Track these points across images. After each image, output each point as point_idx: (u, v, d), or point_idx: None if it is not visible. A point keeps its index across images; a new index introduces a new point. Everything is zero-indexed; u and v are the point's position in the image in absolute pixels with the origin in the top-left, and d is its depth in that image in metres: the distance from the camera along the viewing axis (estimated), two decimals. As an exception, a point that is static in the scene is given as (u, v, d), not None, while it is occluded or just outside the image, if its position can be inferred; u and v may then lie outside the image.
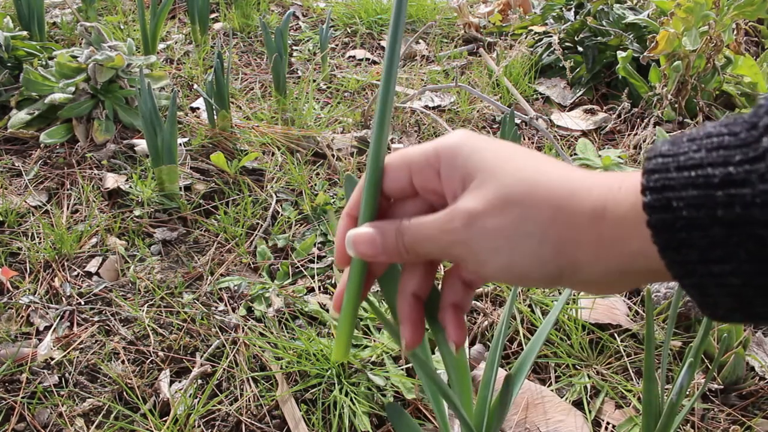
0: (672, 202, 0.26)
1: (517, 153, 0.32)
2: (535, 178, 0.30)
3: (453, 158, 0.33)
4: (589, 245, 0.29)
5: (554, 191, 0.30)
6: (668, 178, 0.26)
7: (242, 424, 0.85)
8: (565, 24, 1.99)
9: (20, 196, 1.25)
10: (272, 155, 1.45)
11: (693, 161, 0.26)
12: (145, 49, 1.74)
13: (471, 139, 0.33)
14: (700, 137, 0.27)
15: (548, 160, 0.32)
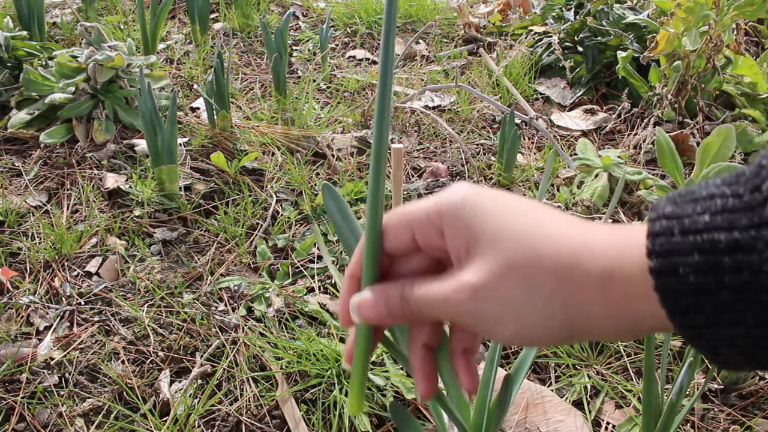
0: (678, 267, 0.26)
1: (519, 212, 0.31)
2: (539, 244, 0.30)
3: (456, 219, 0.32)
4: (598, 310, 0.29)
5: (559, 258, 0.29)
6: (673, 242, 0.26)
7: (242, 424, 0.85)
8: (565, 24, 1.99)
9: (20, 196, 1.25)
10: (272, 155, 1.45)
11: (698, 225, 0.26)
12: (145, 49, 1.75)
13: (472, 198, 0.32)
14: (703, 198, 0.26)
15: (550, 215, 0.32)
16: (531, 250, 0.30)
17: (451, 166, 1.47)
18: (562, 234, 0.30)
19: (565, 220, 0.31)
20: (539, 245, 0.30)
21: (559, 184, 1.41)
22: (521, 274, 0.30)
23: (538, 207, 0.32)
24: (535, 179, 1.44)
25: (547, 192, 1.39)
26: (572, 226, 0.31)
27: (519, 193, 1.40)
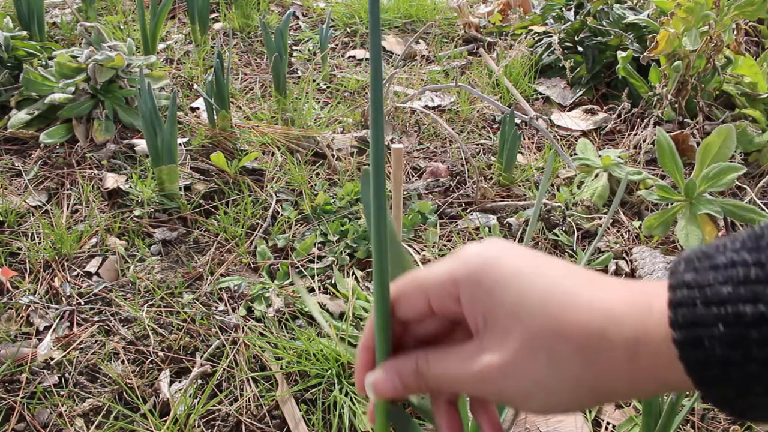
0: (703, 339, 0.25)
1: (539, 280, 0.30)
2: (564, 320, 0.29)
3: (473, 290, 0.31)
4: (625, 379, 0.29)
5: (586, 334, 0.29)
6: (696, 314, 0.26)
7: (242, 424, 0.85)
8: (565, 24, 1.99)
9: (20, 196, 1.25)
10: (272, 155, 1.45)
11: (721, 296, 0.25)
12: (145, 49, 1.74)
13: (490, 268, 0.31)
14: (724, 265, 0.26)
15: (572, 278, 0.30)
16: (556, 326, 0.29)
17: (451, 166, 1.47)
18: (585, 304, 0.29)
19: (587, 282, 0.30)
20: (565, 321, 0.29)
21: (559, 184, 1.41)
22: (547, 351, 0.29)
23: (557, 269, 0.31)
24: (535, 179, 1.43)
25: (547, 192, 1.39)
26: (594, 290, 0.30)
27: (519, 192, 1.40)
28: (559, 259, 0.32)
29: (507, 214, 1.32)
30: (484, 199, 1.36)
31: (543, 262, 0.31)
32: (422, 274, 0.34)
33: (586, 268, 0.32)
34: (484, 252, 0.32)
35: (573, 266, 0.32)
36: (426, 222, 1.27)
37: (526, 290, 0.30)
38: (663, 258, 1.13)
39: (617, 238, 1.26)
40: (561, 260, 0.32)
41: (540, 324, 0.29)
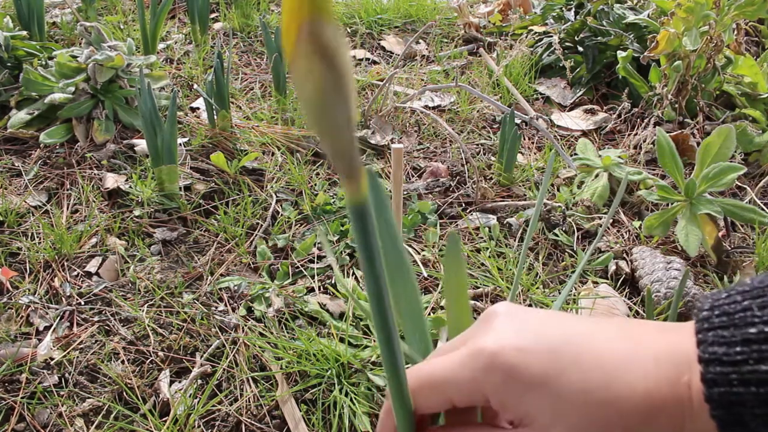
0: (744, 416, 0.26)
1: (572, 376, 0.29)
2: (604, 412, 0.29)
3: (504, 397, 0.30)
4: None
5: (629, 422, 0.28)
6: (734, 393, 0.26)
7: (242, 424, 0.85)
8: (565, 24, 1.99)
9: (20, 196, 1.25)
10: (272, 155, 1.45)
11: (759, 375, 0.25)
12: (145, 49, 1.74)
13: (517, 374, 0.30)
14: (758, 339, 0.26)
15: (602, 361, 0.30)
16: (601, 420, 0.29)
17: (451, 166, 1.47)
18: (626, 393, 0.29)
19: (619, 361, 0.29)
20: (606, 414, 0.29)
21: (559, 184, 1.41)
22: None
23: (584, 354, 0.30)
24: (536, 179, 1.43)
25: (548, 192, 1.39)
26: (628, 372, 0.29)
27: (519, 192, 1.40)
28: (578, 322, 0.31)
29: (507, 214, 1.32)
30: (484, 199, 1.36)
31: (562, 345, 0.30)
32: (438, 375, 0.32)
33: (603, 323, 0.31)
34: (503, 347, 0.30)
35: (593, 336, 0.30)
36: (426, 222, 1.27)
37: (563, 391, 0.29)
38: (663, 258, 1.13)
39: (617, 238, 1.26)
40: (580, 324, 0.31)
41: (584, 420, 0.29)
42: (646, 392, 0.28)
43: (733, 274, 1.17)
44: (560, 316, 0.32)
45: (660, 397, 0.28)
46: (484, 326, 0.32)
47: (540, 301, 1.06)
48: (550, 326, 0.31)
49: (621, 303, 1.08)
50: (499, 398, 0.30)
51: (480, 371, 0.30)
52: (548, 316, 0.32)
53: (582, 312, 1.04)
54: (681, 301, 1.03)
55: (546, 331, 0.31)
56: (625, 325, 0.31)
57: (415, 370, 0.33)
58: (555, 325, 0.31)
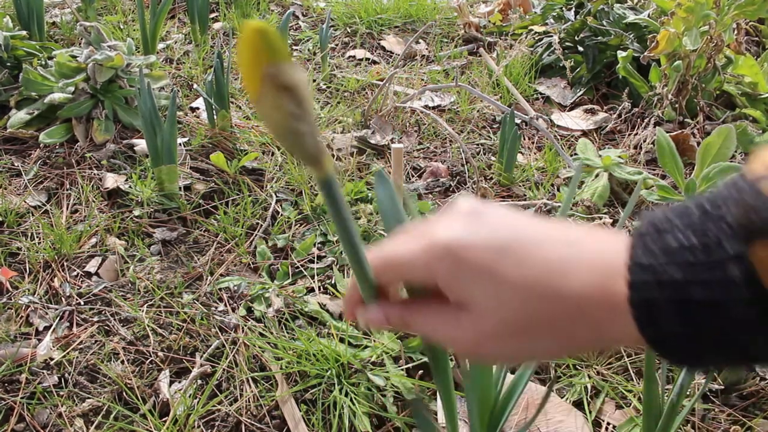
0: (658, 318, 0.29)
1: (510, 271, 0.33)
2: (532, 307, 0.33)
3: (449, 281, 0.35)
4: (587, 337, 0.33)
5: (556, 321, 0.33)
6: (650, 296, 0.29)
7: (242, 424, 0.85)
8: (565, 24, 1.98)
9: (20, 196, 1.25)
10: (272, 155, 1.45)
11: (669, 278, 0.29)
12: (144, 48, 1.74)
13: (464, 263, 0.34)
14: (672, 247, 0.29)
15: (542, 261, 0.33)
16: (530, 310, 0.33)
17: (451, 166, 1.47)
18: (555, 296, 0.32)
19: (555, 265, 0.33)
20: (539, 308, 0.33)
21: (560, 184, 1.41)
22: (522, 330, 0.33)
23: (525, 249, 0.34)
24: (535, 179, 1.43)
25: (548, 192, 1.39)
26: (562, 276, 0.32)
27: (519, 192, 1.40)
28: (530, 225, 0.35)
29: (507, 214, 1.32)
30: (485, 198, 1.36)
31: (511, 243, 0.34)
32: (398, 258, 0.37)
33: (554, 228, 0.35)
34: (456, 241, 0.34)
35: (541, 239, 0.34)
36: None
37: (505, 282, 0.33)
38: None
39: (617, 238, 1.26)
40: (532, 226, 0.35)
41: (515, 312, 0.33)
42: (579, 295, 0.32)
43: (733, 274, 1.16)
44: (515, 217, 0.36)
45: (591, 300, 0.31)
46: (445, 219, 0.37)
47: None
48: (504, 226, 0.35)
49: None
50: (447, 283, 0.35)
51: (433, 260, 0.35)
52: (504, 216, 0.36)
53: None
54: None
55: (499, 229, 0.35)
56: (573, 232, 0.34)
57: (379, 250, 0.38)
58: (508, 225, 0.35)
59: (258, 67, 0.24)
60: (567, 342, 0.34)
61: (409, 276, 0.38)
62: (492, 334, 0.34)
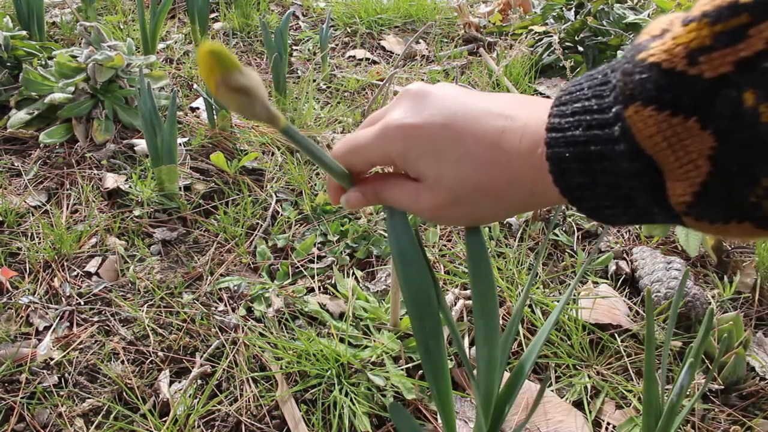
0: (566, 171, 0.34)
1: (454, 151, 0.39)
2: (474, 178, 0.38)
3: (401, 158, 0.41)
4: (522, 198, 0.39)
5: (492, 189, 0.38)
6: (561, 152, 0.34)
7: (242, 424, 0.85)
8: (565, 24, 1.99)
9: (20, 196, 1.25)
10: (272, 155, 1.45)
11: (574, 138, 0.33)
12: (144, 48, 1.74)
13: (410, 139, 0.40)
14: (579, 111, 0.33)
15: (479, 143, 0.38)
16: (472, 184, 0.39)
17: (451, 166, 1.46)
18: (497, 161, 0.38)
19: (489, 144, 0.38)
20: (478, 178, 0.38)
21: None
22: (468, 198, 0.40)
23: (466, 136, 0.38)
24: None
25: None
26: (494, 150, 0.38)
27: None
28: (470, 101, 0.39)
29: (507, 214, 1.32)
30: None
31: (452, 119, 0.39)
32: (359, 144, 0.43)
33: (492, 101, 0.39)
34: (403, 123, 0.40)
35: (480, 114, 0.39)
36: (426, 222, 1.27)
37: (447, 159, 0.39)
38: (663, 258, 1.13)
39: (617, 238, 1.26)
40: (471, 103, 0.39)
41: (461, 184, 0.39)
42: (513, 161, 0.37)
43: (733, 274, 1.17)
44: (458, 94, 0.40)
45: (519, 164, 0.37)
46: (396, 104, 0.42)
47: (540, 301, 1.06)
48: (446, 104, 0.40)
49: (621, 303, 1.08)
50: (401, 161, 0.41)
51: (387, 142, 0.41)
52: (447, 94, 0.40)
53: (581, 313, 1.04)
54: (681, 301, 1.03)
55: (441, 108, 0.39)
56: (510, 104, 0.39)
57: (345, 140, 0.45)
58: (450, 103, 0.40)
59: (212, 77, 0.32)
60: (506, 205, 0.39)
61: (371, 158, 0.43)
62: (443, 202, 0.40)
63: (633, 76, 0.30)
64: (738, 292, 1.13)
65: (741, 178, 0.28)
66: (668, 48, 0.28)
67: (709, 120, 0.28)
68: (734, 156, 0.28)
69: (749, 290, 1.14)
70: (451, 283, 1.10)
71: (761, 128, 0.27)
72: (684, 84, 0.28)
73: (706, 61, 0.27)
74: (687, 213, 0.31)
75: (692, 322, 1.04)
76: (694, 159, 0.29)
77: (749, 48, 0.26)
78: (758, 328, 1.07)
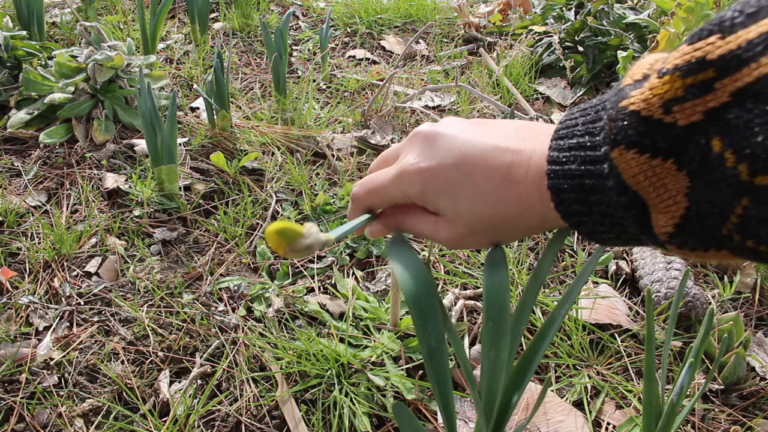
0: (565, 200, 0.37)
1: (466, 190, 0.42)
2: (488, 213, 0.42)
3: (419, 199, 0.45)
4: (533, 224, 0.42)
5: (504, 218, 0.42)
6: (559, 183, 0.37)
7: (242, 424, 0.85)
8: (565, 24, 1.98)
9: (20, 196, 1.25)
10: (272, 155, 1.45)
11: (570, 172, 0.36)
12: (144, 48, 1.74)
13: (426, 183, 0.44)
14: (574, 146, 0.37)
15: (491, 181, 0.41)
16: (485, 219, 0.42)
17: (451, 166, 1.46)
18: (506, 198, 0.41)
19: (499, 185, 0.41)
20: (491, 214, 0.42)
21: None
22: (484, 229, 0.43)
23: (481, 160, 0.42)
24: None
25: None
26: (505, 191, 0.41)
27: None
28: (478, 137, 0.43)
29: (507, 214, 1.32)
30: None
31: (462, 160, 0.42)
32: (378, 187, 0.48)
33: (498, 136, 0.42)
34: (418, 168, 0.44)
35: (487, 151, 0.42)
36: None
37: (461, 197, 0.42)
38: (663, 258, 1.13)
39: (617, 238, 1.26)
40: (479, 139, 0.43)
41: (476, 219, 0.43)
42: (519, 196, 0.40)
43: (733, 274, 1.17)
44: (465, 131, 0.44)
45: (528, 196, 0.40)
46: (408, 147, 0.46)
47: (540, 301, 1.06)
48: (455, 144, 0.43)
49: (621, 303, 1.08)
50: (419, 201, 0.45)
51: (405, 184, 0.45)
52: (455, 134, 0.44)
53: (581, 313, 1.04)
54: (681, 301, 1.03)
55: (451, 149, 0.43)
56: (511, 136, 0.42)
57: (363, 182, 0.49)
58: (458, 143, 0.43)
59: (281, 248, 0.39)
60: (520, 230, 0.43)
61: (391, 199, 0.47)
62: (462, 233, 0.44)
63: (617, 122, 0.33)
64: (738, 292, 1.13)
65: (713, 214, 0.31)
66: (646, 98, 0.32)
67: (683, 162, 0.31)
68: (706, 194, 0.31)
69: (749, 290, 1.13)
70: (451, 283, 1.10)
71: (727, 172, 0.29)
72: (661, 130, 0.31)
73: (679, 110, 0.31)
74: (670, 242, 0.34)
75: (692, 322, 1.04)
76: (674, 195, 0.32)
77: (716, 99, 0.29)
78: (758, 328, 1.07)
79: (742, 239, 0.31)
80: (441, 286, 1.09)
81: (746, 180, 0.29)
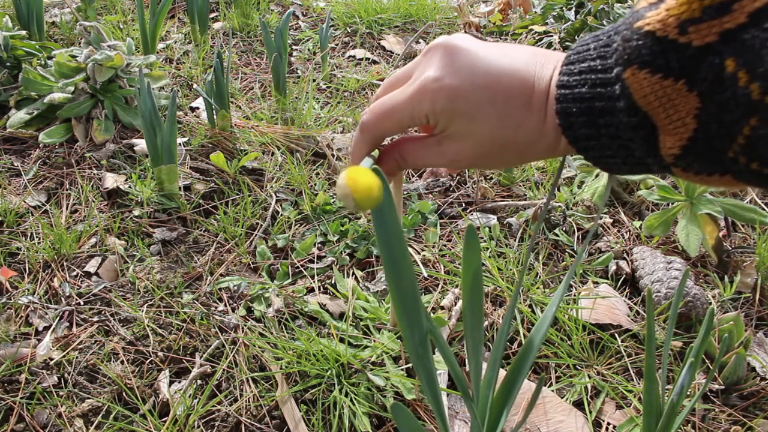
0: (573, 124, 0.38)
1: (484, 113, 0.41)
2: (506, 137, 0.42)
3: (438, 116, 0.43)
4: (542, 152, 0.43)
5: (519, 143, 0.42)
6: (568, 107, 0.38)
7: (242, 424, 0.85)
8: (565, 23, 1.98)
9: (19, 196, 1.25)
10: (272, 155, 1.44)
11: (580, 95, 0.37)
12: (144, 48, 1.74)
13: (450, 101, 0.42)
14: (584, 70, 0.37)
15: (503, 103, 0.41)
16: (500, 141, 0.42)
17: (451, 166, 1.46)
18: (522, 126, 0.41)
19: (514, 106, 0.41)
20: (505, 135, 0.42)
21: (560, 184, 1.41)
22: (494, 152, 0.43)
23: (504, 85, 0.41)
24: (536, 179, 1.43)
25: (548, 192, 1.39)
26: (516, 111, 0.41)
27: (519, 192, 1.40)
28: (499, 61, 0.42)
29: (507, 214, 1.32)
30: (485, 198, 1.35)
31: (486, 83, 0.41)
32: (395, 108, 0.45)
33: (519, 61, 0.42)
34: (442, 83, 0.42)
35: (509, 76, 0.41)
36: (426, 222, 1.27)
37: (480, 121, 0.42)
38: (663, 258, 1.13)
39: (618, 238, 1.26)
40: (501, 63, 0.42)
41: (490, 141, 0.42)
42: (538, 122, 0.40)
43: (733, 274, 1.17)
44: (484, 50, 0.43)
45: (546, 125, 0.40)
46: (427, 61, 0.44)
47: (540, 301, 1.06)
48: (477, 63, 0.42)
49: (621, 303, 1.08)
50: (437, 117, 0.43)
51: (425, 100, 0.43)
52: (474, 51, 0.43)
53: (581, 313, 1.04)
54: (681, 301, 1.03)
55: (474, 68, 0.42)
56: (528, 59, 0.41)
57: (375, 107, 0.47)
58: (480, 62, 0.42)
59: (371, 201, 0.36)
60: (530, 156, 0.43)
61: (407, 121, 0.45)
62: (471, 155, 0.44)
63: (631, 42, 0.33)
64: (738, 292, 1.13)
65: (721, 135, 0.32)
66: (662, 18, 0.32)
67: (695, 83, 0.31)
68: (715, 115, 0.31)
69: (750, 290, 1.13)
70: (451, 283, 1.10)
71: (738, 91, 0.30)
72: (675, 51, 0.31)
73: (694, 31, 0.31)
74: (675, 164, 0.34)
75: (693, 322, 1.04)
76: (683, 116, 0.32)
77: (732, 21, 0.29)
78: (759, 328, 1.07)
79: (747, 161, 0.31)
80: (441, 286, 1.09)
81: (757, 99, 0.29)
